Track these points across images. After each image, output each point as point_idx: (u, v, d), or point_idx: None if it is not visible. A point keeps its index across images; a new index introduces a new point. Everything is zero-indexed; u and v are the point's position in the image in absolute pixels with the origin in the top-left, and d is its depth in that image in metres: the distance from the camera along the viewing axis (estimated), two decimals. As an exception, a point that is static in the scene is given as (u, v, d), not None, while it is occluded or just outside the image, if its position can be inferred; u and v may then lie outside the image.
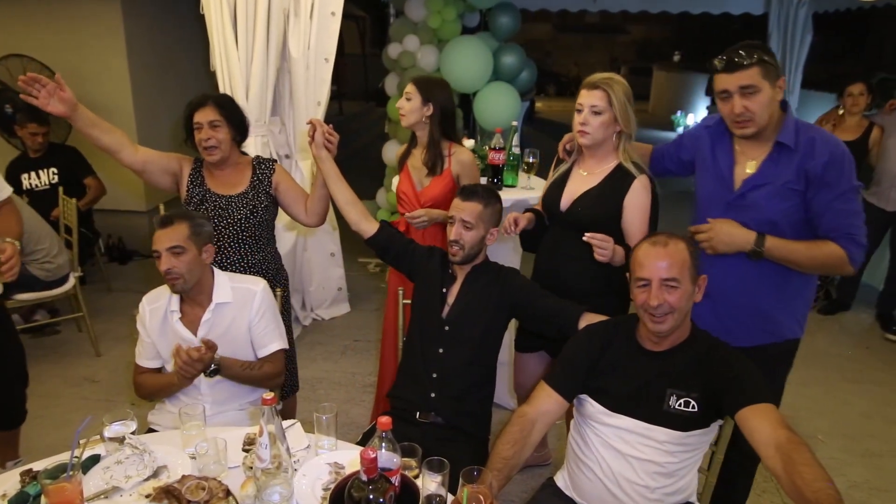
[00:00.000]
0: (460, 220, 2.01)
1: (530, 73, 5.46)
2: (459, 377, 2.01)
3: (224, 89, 3.33)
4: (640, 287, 1.61)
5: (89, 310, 3.73)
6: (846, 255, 1.78)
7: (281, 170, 2.42)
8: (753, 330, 1.95)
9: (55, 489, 1.31)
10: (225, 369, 1.92)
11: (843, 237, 1.78)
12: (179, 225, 1.91)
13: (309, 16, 3.34)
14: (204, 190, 2.32)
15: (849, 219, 1.78)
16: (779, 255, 1.81)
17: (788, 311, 1.96)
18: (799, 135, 1.82)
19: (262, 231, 2.38)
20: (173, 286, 1.91)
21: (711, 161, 1.99)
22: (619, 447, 1.63)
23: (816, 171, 1.77)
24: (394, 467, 1.33)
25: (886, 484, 2.76)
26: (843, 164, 1.78)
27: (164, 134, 6.31)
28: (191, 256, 1.90)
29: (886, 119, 4.01)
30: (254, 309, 2.00)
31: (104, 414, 1.61)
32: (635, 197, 2.07)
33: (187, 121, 2.27)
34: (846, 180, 1.78)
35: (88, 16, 5.82)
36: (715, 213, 1.92)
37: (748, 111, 1.79)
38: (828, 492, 1.26)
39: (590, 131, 2.07)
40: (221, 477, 1.50)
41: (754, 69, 1.75)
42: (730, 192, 1.92)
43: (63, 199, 3.94)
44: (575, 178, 2.20)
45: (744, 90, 1.77)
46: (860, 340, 4.14)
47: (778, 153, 1.84)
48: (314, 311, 4.27)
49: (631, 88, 2.09)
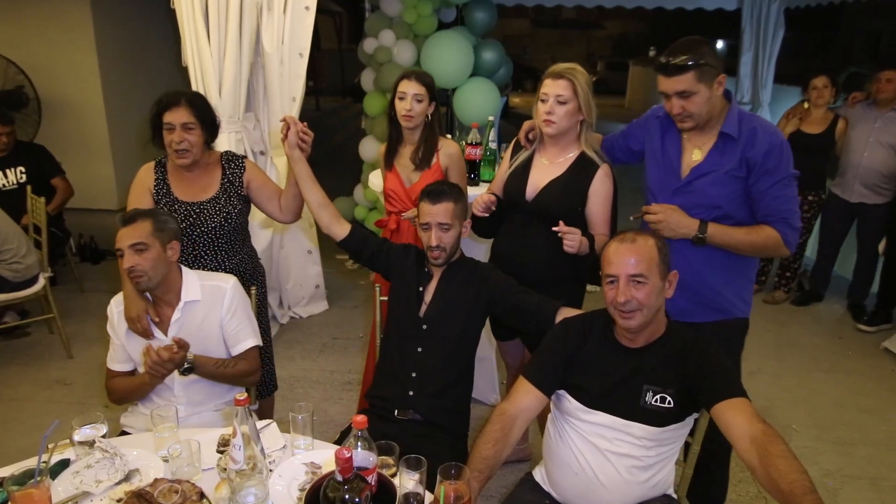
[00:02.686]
0: (437, 225, 1.98)
1: (507, 68, 5.46)
2: (438, 375, 2.01)
3: (196, 85, 3.27)
4: (608, 284, 1.62)
5: (61, 311, 3.66)
6: (781, 238, 1.90)
7: (252, 166, 2.34)
8: (704, 308, 2.04)
9: (22, 496, 1.28)
10: (198, 367, 1.89)
11: (779, 221, 1.90)
12: (142, 222, 1.87)
13: (282, 10, 3.30)
14: (171, 199, 2.22)
15: (785, 204, 1.90)
16: (720, 240, 1.93)
17: (734, 290, 2.06)
18: (742, 125, 1.92)
19: (237, 234, 2.33)
20: (138, 284, 1.87)
21: (661, 150, 2.08)
22: (597, 443, 1.64)
23: (757, 159, 1.88)
24: (370, 466, 1.32)
25: (858, 471, 2.81)
26: (782, 152, 1.89)
27: (136, 131, 6.20)
28: (154, 253, 1.86)
29: (850, 112, 4.08)
30: (224, 306, 1.97)
31: (76, 417, 1.57)
32: (600, 185, 2.15)
33: (156, 118, 2.16)
34: (784, 168, 1.89)
35: (56, 10, 5.69)
36: (663, 198, 2.02)
37: (685, 111, 1.89)
38: (802, 482, 1.28)
39: (555, 120, 2.11)
40: (195, 479, 1.48)
41: (689, 74, 1.83)
42: (677, 179, 2.01)
43: (31, 198, 3.85)
44: (538, 167, 2.23)
45: (680, 94, 1.87)
46: (833, 331, 4.21)
47: (723, 142, 1.94)
48: (292, 309, 4.24)
49: (608, 83, 2.12)
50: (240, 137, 3.46)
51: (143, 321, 1.92)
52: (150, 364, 1.80)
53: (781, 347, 3.96)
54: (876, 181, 3.98)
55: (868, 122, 3.96)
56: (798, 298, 4.60)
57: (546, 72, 2.16)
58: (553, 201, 2.16)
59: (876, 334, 4.07)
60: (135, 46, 6.38)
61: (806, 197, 4.20)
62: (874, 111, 3.96)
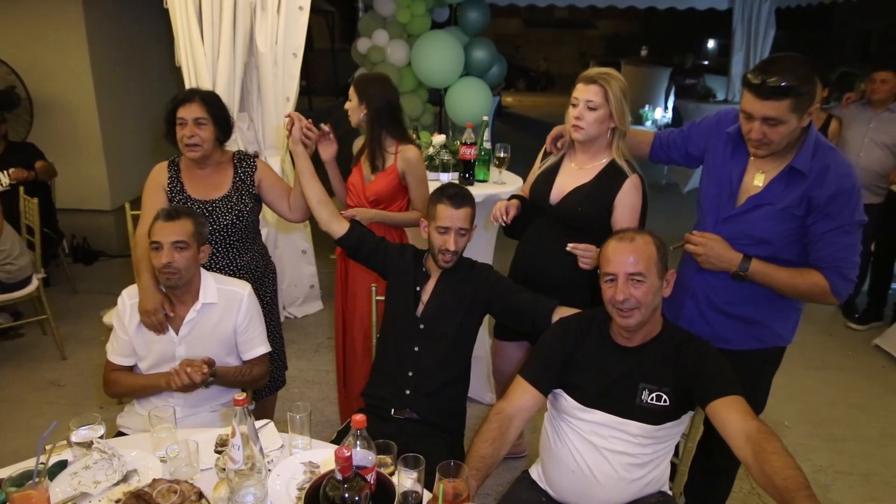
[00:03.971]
0: (457, 230, 1.97)
1: (500, 67, 5.47)
2: (435, 374, 2.01)
3: (190, 85, 3.26)
4: (607, 282, 1.62)
5: (54, 312, 3.64)
6: (829, 287, 1.75)
7: (263, 165, 2.38)
8: (743, 335, 1.94)
9: (20, 497, 1.28)
10: (219, 378, 1.92)
11: (830, 269, 1.75)
12: (185, 220, 1.90)
13: (276, 10, 3.29)
14: (185, 197, 2.26)
15: (842, 252, 1.74)
16: (761, 279, 1.80)
17: (780, 320, 1.95)
18: (814, 161, 1.74)
19: (248, 232, 2.35)
20: (168, 280, 1.88)
21: (723, 169, 1.92)
22: (594, 440, 1.65)
23: (820, 201, 1.72)
24: (369, 465, 1.33)
25: (849, 467, 2.84)
26: (851, 196, 1.72)
27: (129, 132, 6.17)
28: (191, 253, 1.89)
29: (845, 112, 4.12)
30: (241, 314, 2.00)
31: (71, 418, 1.57)
32: (627, 196, 2.06)
33: (170, 114, 2.20)
34: (849, 213, 1.72)
35: (48, 9, 5.64)
36: (713, 221, 1.91)
37: (766, 138, 1.72)
38: (796, 479, 1.29)
39: (584, 126, 2.05)
40: (193, 480, 1.48)
41: (785, 102, 1.64)
42: (732, 207, 1.87)
43: (24, 199, 3.83)
44: (565, 172, 2.18)
45: (767, 121, 1.69)
46: (823, 328, 4.25)
47: (789, 175, 1.78)
48: (286, 309, 4.24)
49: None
50: (234, 138, 3.44)
51: (160, 315, 1.93)
52: (179, 386, 1.82)
53: (774, 345, 3.98)
54: (872, 181, 4.01)
55: (863, 122, 3.99)
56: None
57: (580, 75, 2.09)
58: (576, 207, 2.11)
59: (867, 332, 4.11)
60: (127, 46, 6.34)
61: None
62: (869, 111, 3.99)
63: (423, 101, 4.67)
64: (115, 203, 6.30)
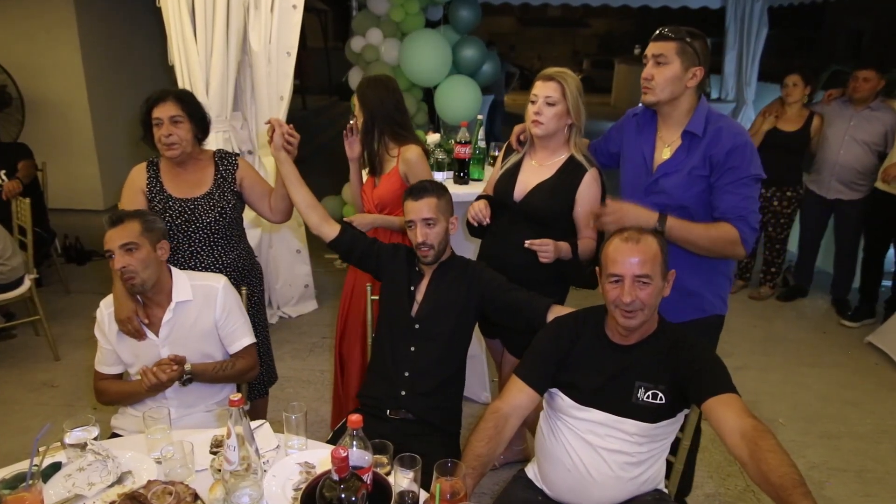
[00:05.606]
0: (421, 221, 1.98)
1: (493, 66, 5.45)
2: (431, 374, 2.01)
3: (183, 84, 3.25)
4: (612, 283, 1.61)
5: (46, 313, 3.62)
6: (738, 236, 1.88)
7: (244, 164, 2.36)
8: (681, 306, 2.01)
9: (14, 499, 1.27)
10: (198, 375, 1.91)
11: (737, 218, 1.89)
12: (130, 222, 1.86)
13: (269, 8, 3.29)
14: (165, 197, 2.23)
15: (744, 202, 1.89)
16: (678, 234, 1.90)
17: (711, 288, 2.08)
18: (708, 124, 1.94)
19: (232, 230, 2.33)
20: (132, 286, 1.86)
21: (635, 146, 2.10)
22: (590, 439, 1.65)
23: (719, 158, 1.89)
24: (365, 465, 1.32)
25: (843, 464, 2.85)
26: (745, 152, 1.89)
27: (121, 131, 6.14)
28: (145, 253, 1.85)
29: (826, 109, 4.14)
30: (218, 307, 1.97)
31: (64, 420, 1.57)
32: (587, 189, 2.17)
33: (145, 116, 2.18)
34: (746, 167, 1.89)
35: (39, 8, 5.61)
36: (635, 197, 2.02)
37: (652, 79, 1.94)
38: (792, 476, 1.30)
39: (543, 121, 2.14)
40: (188, 481, 1.47)
41: (672, 44, 1.90)
42: (648, 177, 2.04)
43: (16, 200, 3.80)
44: (527, 169, 2.25)
45: (656, 58, 1.92)
46: (817, 325, 4.27)
47: (689, 141, 1.96)
48: (281, 309, 4.22)
49: (593, 81, 2.15)
50: (227, 137, 3.44)
51: (134, 322, 1.91)
52: (149, 385, 1.80)
53: (767, 342, 4.00)
54: (852, 178, 4.04)
55: (844, 119, 4.02)
56: (783, 294, 4.65)
57: (538, 74, 2.20)
58: (540, 203, 2.18)
59: (860, 329, 4.13)
60: (119, 45, 6.31)
61: (785, 193, 4.26)
62: (850, 109, 4.01)
63: (417, 100, 4.66)
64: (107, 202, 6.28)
